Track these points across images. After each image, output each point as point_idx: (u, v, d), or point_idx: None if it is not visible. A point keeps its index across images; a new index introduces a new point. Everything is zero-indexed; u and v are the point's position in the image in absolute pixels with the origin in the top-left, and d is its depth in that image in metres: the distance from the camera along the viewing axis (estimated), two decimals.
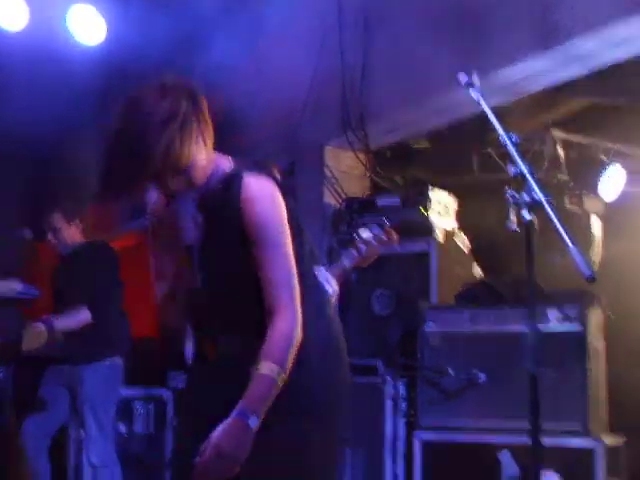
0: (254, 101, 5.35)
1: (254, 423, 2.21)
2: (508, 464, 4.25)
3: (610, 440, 4.24)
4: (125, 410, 5.31)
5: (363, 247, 3.29)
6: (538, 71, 4.40)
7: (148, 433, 5.36)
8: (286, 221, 2.38)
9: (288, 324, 2.30)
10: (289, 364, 2.27)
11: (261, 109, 5.45)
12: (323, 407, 2.40)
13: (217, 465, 2.20)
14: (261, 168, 2.42)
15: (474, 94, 2.54)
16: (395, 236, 3.47)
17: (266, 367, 2.24)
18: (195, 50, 5.19)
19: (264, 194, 2.35)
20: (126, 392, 5.19)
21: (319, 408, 2.39)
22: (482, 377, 4.36)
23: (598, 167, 5.87)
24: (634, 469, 4.37)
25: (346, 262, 3.35)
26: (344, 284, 3.16)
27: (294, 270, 2.36)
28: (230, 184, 2.37)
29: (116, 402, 4.91)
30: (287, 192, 2.44)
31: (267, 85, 5.34)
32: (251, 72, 5.38)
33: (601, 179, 5.81)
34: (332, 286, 3.33)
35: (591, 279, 2.15)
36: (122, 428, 5.26)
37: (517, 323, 4.31)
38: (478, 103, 2.50)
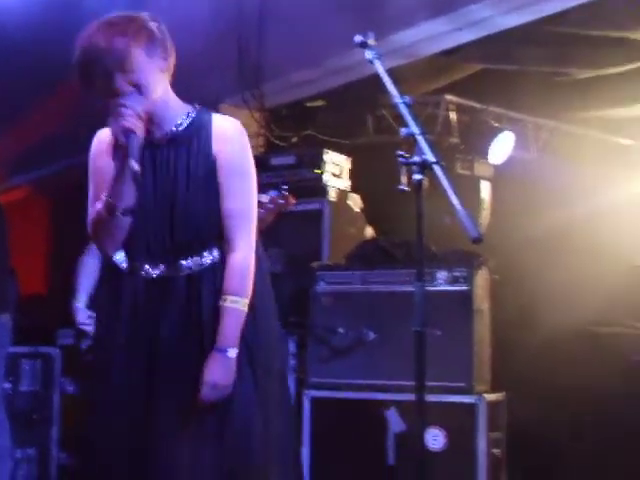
0: None
1: (233, 353, 2.50)
2: (395, 421, 4.34)
3: (492, 397, 4.38)
4: (12, 367, 5.19)
5: (261, 211, 3.35)
6: (432, 35, 4.45)
7: (34, 390, 5.27)
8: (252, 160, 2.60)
9: (243, 255, 2.55)
10: (249, 290, 2.53)
11: None
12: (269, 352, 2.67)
13: (213, 395, 2.49)
14: None
15: (369, 55, 2.56)
16: (292, 200, 3.51)
17: (232, 300, 2.52)
18: (84, 2, 5.05)
19: (235, 128, 2.60)
20: (13, 350, 5.07)
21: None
22: (371, 335, 4.43)
23: (489, 132, 6.00)
24: (514, 424, 4.54)
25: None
26: None
27: (255, 205, 2.60)
28: (200, 121, 2.58)
29: (3, 359, 4.80)
30: None
31: None
32: None
33: (492, 144, 5.95)
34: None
35: (478, 241, 2.21)
36: (7, 385, 5.15)
37: (407, 283, 4.38)
38: (371, 63, 2.52)
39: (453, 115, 6.12)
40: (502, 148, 5.98)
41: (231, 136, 2.59)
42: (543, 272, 6.00)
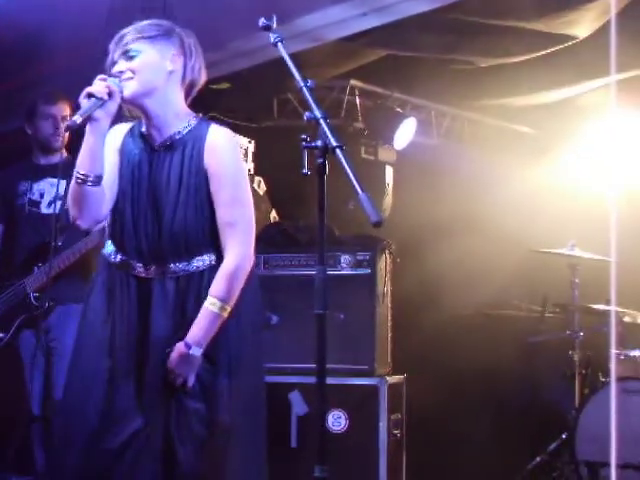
0: (49, 29, 5.10)
1: (197, 352, 2.61)
2: (298, 403, 4.37)
3: (393, 379, 4.45)
4: None
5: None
6: (337, 20, 4.46)
7: None
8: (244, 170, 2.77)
9: (234, 263, 2.65)
10: (233, 297, 2.64)
11: (58, 39, 5.20)
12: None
13: (174, 377, 2.62)
14: None
15: (272, 37, 2.56)
16: None
17: (211, 302, 2.62)
18: None
19: (227, 140, 2.72)
20: None
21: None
22: (275, 319, 4.44)
23: (393, 118, 6.06)
24: (413, 405, 4.62)
25: None
26: None
27: (250, 215, 2.71)
28: (197, 130, 2.71)
29: None
30: None
31: (63, 12, 5.11)
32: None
33: (396, 131, 6.01)
34: None
35: (378, 225, 2.23)
36: None
37: (310, 267, 4.41)
38: (275, 46, 2.52)
39: (358, 100, 6.16)
40: (405, 134, 6.05)
41: (222, 148, 2.69)
42: (444, 256, 6.12)
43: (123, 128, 2.80)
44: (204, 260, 2.68)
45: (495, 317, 6.24)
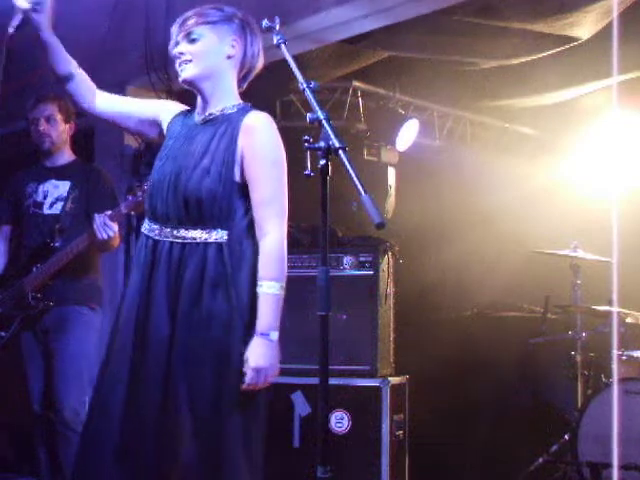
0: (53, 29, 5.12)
1: (275, 336, 2.61)
2: (300, 404, 4.38)
3: (396, 380, 4.46)
4: None
5: (140, 193, 3.55)
6: (340, 22, 4.47)
7: None
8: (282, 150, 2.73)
9: (275, 239, 2.63)
10: (284, 272, 2.64)
11: (62, 38, 5.22)
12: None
13: (260, 378, 2.60)
14: None
15: (275, 39, 2.57)
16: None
17: (268, 286, 2.61)
18: None
19: (266, 123, 2.72)
20: None
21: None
22: None
23: (396, 120, 6.07)
24: (416, 406, 4.63)
25: (123, 207, 3.68)
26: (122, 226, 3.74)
27: (285, 194, 2.68)
28: (238, 112, 2.75)
29: None
30: None
31: (64, 19, 5.12)
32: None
33: (399, 132, 6.02)
34: (111, 229, 3.69)
35: (381, 226, 2.23)
36: None
37: (313, 268, 4.43)
38: (278, 48, 2.53)
39: (360, 102, 6.17)
40: (407, 135, 6.06)
41: (258, 128, 2.70)
42: (446, 257, 6.13)
43: (180, 107, 2.92)
44: (216, 234, 2.65)
45: (497, 318, 6.25)
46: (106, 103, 2.91)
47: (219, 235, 2.65)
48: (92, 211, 3.90)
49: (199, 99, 2.82)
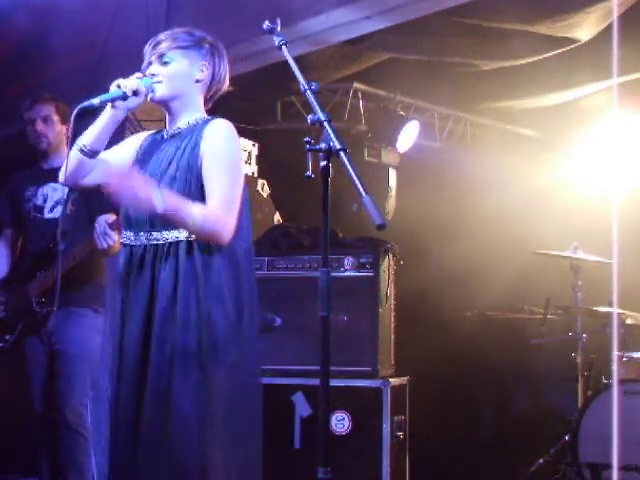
0: (51, 35, 5.13)
1: (160, 203, 2.61)
2: (301, 405, 4.39)
3: (396, 381, 4.46)
4: None
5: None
6: (341, 23, 4.47)
7: None
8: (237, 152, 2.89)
9: (218, 216, 2.70)
10: (203, 229, 2.68)
11: (60, 43, 5.23)
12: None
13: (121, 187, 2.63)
14: None
15: (276, 40, 2.58)
16: None
17: (192, 210, 2.67)
18: None
19: (224, 127, 2.83)
20: None
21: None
22: (278, 321, 4.46)
23: (397, 121, 6.08)
24: (416, 407, 4.63)
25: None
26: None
27: (237, 193, 2.78)
28: (202, 123, 2.88)
29: None
30: None
31: (66, 19, 5.13)
32: (47, 4, 5.14)
33: (399, 133, 6.03)
34: (111, 237, 3.74)
35: (382, 227, 2.24)
36: None
37: (314, 269, 4.44)
38: (279, 49, 2.54)
39: (361, 103, 6.18)
40: (408, 136, 6.07)
41: (217, 130, 2.83)
42: (447, 258, 6.13)
43: (148, 132, 3.07)
44: (186, 232, 2.74)
45: (498, 319, 6.25)
46: (89, 178, 2.95)
47: (187, 233, 2.74)
48: (94, 212, 3.90)
49: (167, 116, 2.96)
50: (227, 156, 2.81)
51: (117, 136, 3.29)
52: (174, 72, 2.88)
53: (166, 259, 2.74)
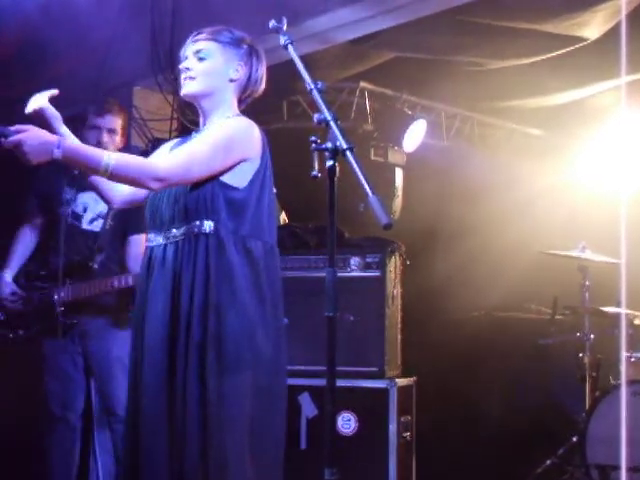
0: (56, 32, 5.12)
1: (59, 154, 2.56)
2: (307, 405, 4.37)
3: (403, 381, 4.45)
4: None
5: None
6: (346, 22, 4.47)
7: None
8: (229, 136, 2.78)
9: (158, 167, 2.70)
10: (126, 171, 2.66)
11: (65, 41, 5.22)
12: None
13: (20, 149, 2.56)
14: None
15: (282, 39, 2.57)
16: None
17: (105, 154, 2.65)
18: None
19: (235, 119, 2.84)
20: None
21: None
22: (285, 321, 4.44)
23: (403, 120, 6.06)
24: (423, 407, 4.62)
25: None
26: None
27: (214, 152, 2.72)
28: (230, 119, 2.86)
29: None
30: None
31: (72, 18, 5.13)
32: (54, 3, 5.14)
33: (406, 132, 6.01)
34: None
35: (388, 227, 2.23)
36: None
37: (320, 269, 4.42)
38: (285, 48, 2.53)
39: (368, 102, 6.17)
40: (414, 136, 6.05)
41: (229, 120, 2.83)
42: (454, 258, 6.12)
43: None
44: (202, 225, 2.72)
45: (505, 319, 6.23)
46: (122, 195, 2.99)
47: (208, 225, 2.73)
48: (129, 230, 3.89)
49: (200, 115, 2.94)
50: (216, 131, 2.78)
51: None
52: (208, 69, 2.84)
53: (188, 257, 2.72)
